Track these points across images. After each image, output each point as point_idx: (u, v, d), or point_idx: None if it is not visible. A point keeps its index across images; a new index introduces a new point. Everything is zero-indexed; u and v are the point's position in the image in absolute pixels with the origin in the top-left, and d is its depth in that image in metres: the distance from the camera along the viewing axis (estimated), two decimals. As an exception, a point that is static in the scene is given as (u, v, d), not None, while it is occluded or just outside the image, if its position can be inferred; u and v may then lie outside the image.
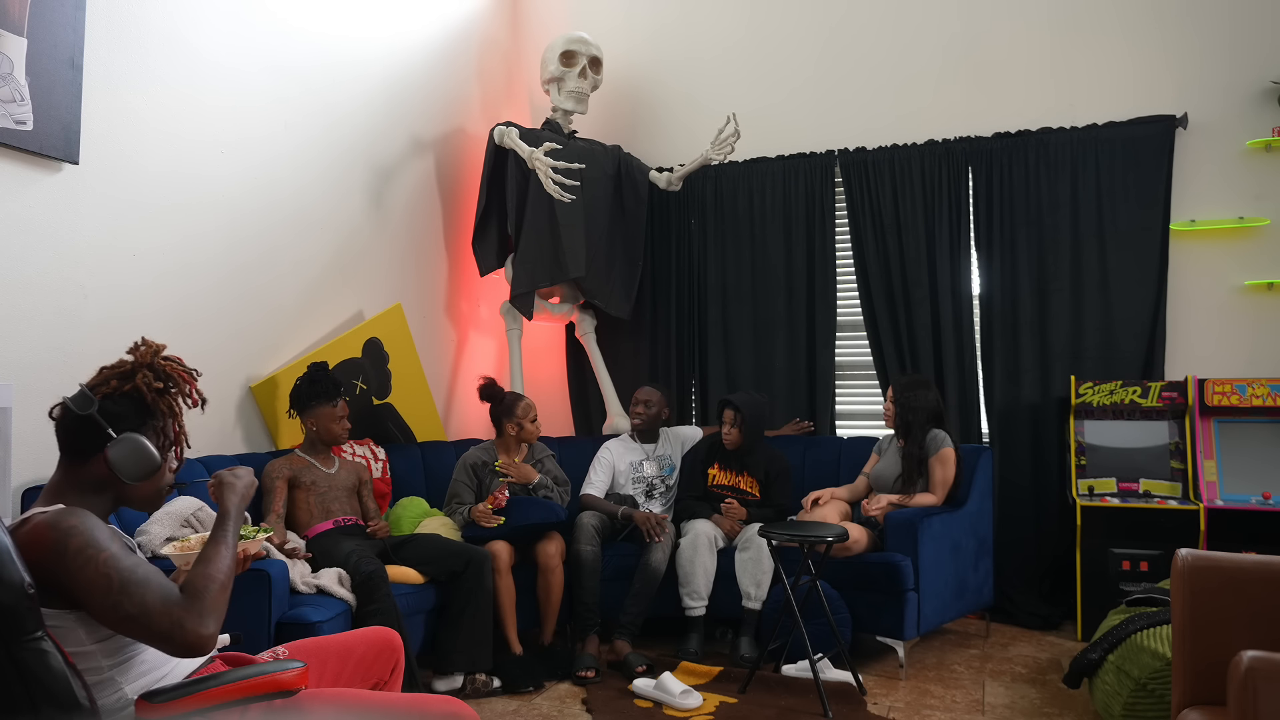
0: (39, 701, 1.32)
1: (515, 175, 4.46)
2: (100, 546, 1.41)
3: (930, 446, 3.70)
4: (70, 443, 1.59)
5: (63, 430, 1.59)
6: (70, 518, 1.43)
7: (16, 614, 1.31)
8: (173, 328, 3.21)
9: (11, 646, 1.31)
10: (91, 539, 1.41)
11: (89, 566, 1.39)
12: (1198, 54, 4.11)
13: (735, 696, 3.16)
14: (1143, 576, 3.69)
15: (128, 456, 1.56)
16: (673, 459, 4.16)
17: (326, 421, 3.36)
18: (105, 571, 1.39)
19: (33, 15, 2.67)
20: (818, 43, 4.75)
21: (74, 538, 1.40)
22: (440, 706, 1.67)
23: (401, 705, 1.66)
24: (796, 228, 4.67)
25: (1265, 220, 3.97)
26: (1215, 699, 1.97)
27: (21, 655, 1.31)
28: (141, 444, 1.58)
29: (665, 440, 4.21)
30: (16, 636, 1.31)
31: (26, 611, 1.32)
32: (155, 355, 1.68)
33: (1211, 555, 2.06)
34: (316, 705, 1.62)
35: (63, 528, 1.41)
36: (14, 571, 1.32)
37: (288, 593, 2.76)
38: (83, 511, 1.46)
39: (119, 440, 1.56)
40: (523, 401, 3.80)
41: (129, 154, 3.05)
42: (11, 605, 1.30)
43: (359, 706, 1.64)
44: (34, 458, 2.68)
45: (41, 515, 1.44)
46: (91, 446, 1.57)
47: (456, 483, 3.73)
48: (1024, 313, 4.27)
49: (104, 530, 1.46)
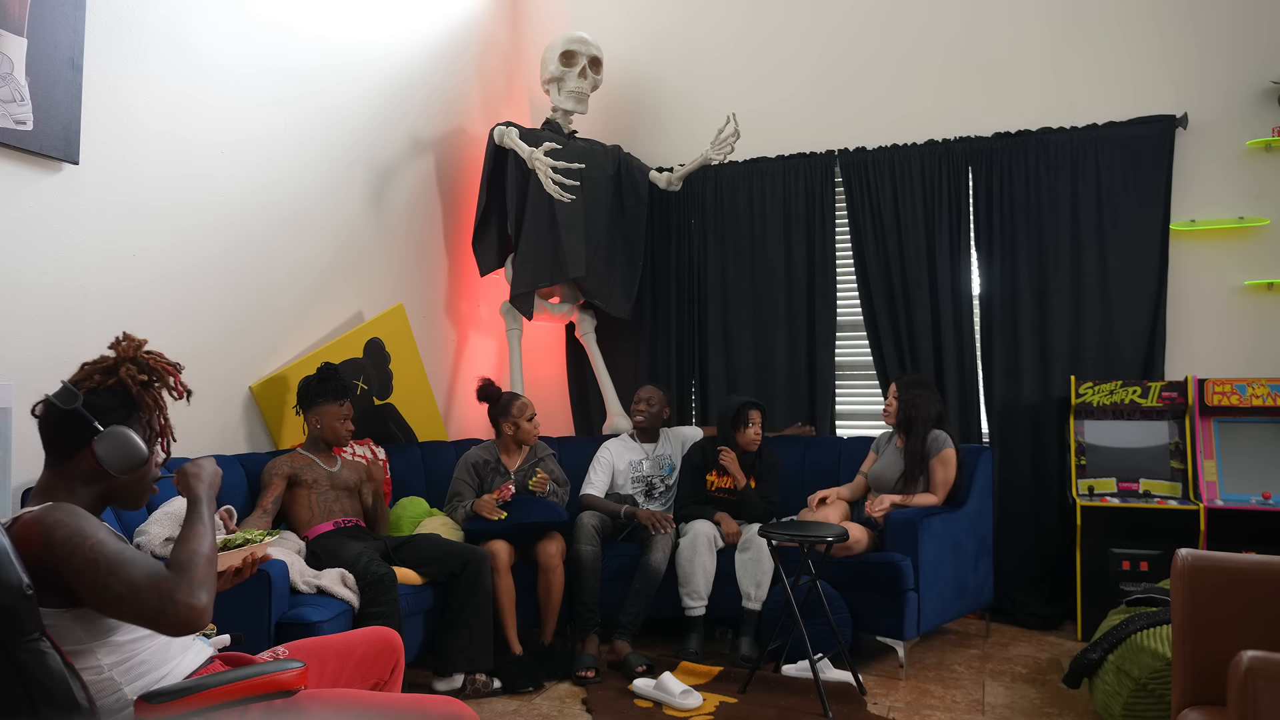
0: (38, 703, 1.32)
1: (515, 175, 4.46)
2: (86, 534, 1.42)
3: (932, 448, 3.70)
4: (54, 439, 1.58)
5: (47, 427, 1.58)
6: (56, 512, 1.43)
7: (15, 615, 1.31)
8: (173, 328, 3.21)
9: (10, 648, 1.31)
10: (77, 528, 1.42)
11: (76, 554, 1.40)
12: (1198, 54, 4.11)
13: (735, 696, 3.16)
14: (1143, 576, 3.69)
15: (114, 449, 1.56)
16: (672, 459, 4.16)
17: (331, 420, 3.37)
18: (92, 556, 1.40)
19: (33, 15, 2.67)
20: (818, 43, 4.75)
21: (60, 529, 1.41)
22: (440, 707, 1.66)
23: (402, 705, 1.66)
24: (796, 228, 4.67)
25: (1265, 220, 3.98)
26: (1215, 699, 1.97)
27: (20, 657, 1.31)
28: (128, 436, 1.57)
29: (665, 440, 4.21)
30: (15, 638, 1.31)
31: (25, 613, 1.32)
32: (138, 350, 1.68)
33: (1211, 555, 2.06)
34: (316, 705, 1.61)
35: (49, 521, 1.41)
36: (13, 573, 1.32)
37: (288, 592, 2.76)
38: (69, 505, 1.46)
39: (105, 433, 1.56)
40: (519, 401, 3.79)
41: (129, 154, 3.05)
42: (10, 606, 1.31)
43: (358, 707, 1.64)
44: (34, 458, 2.66)
45: (29, 513, 1.45)
46: (77, 441, 1.57)
47: (458, 481, 3.73)
48: (1024, 313, 4.27)
49: (91, 520, 1.46)
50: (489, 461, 3.75)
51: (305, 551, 3.14)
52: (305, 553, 3.13)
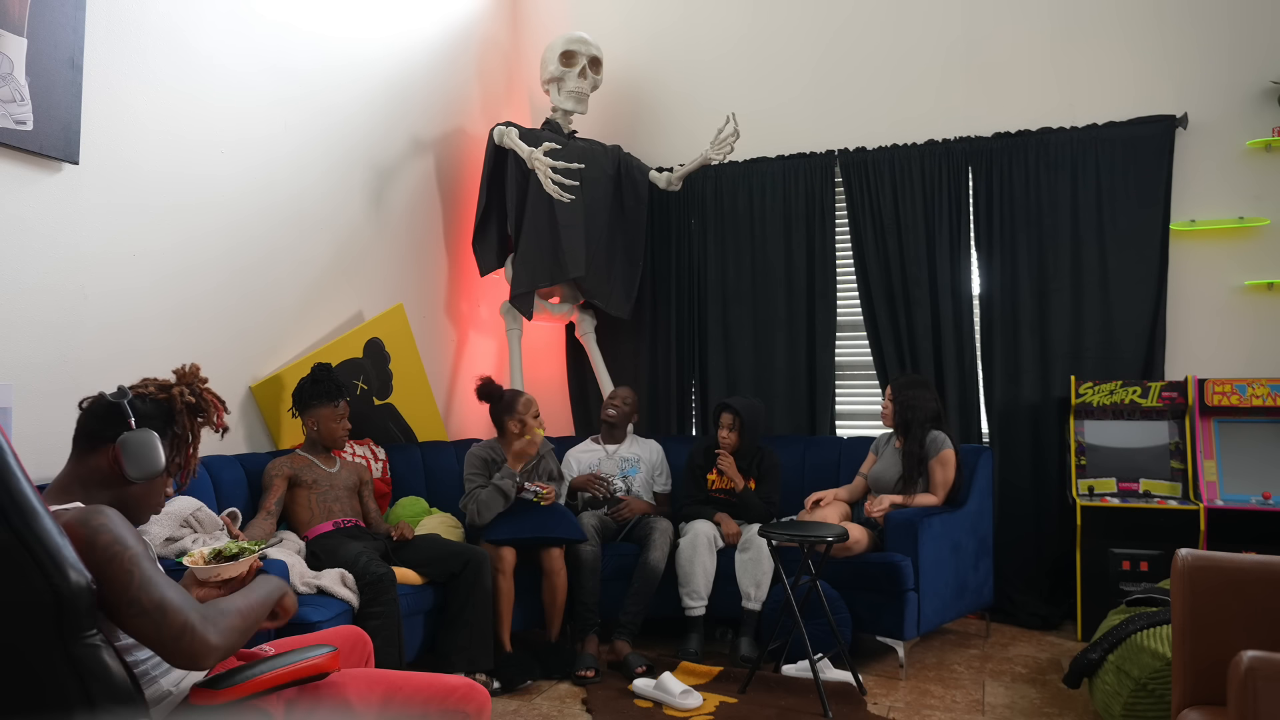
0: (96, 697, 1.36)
1: (515, 175, 4.46)
2: (127, 544, 1.45)
3: (930, 448, 3.70)
4: (88, 427, 1.63)
5: (88, 415, 1.64)
6: (99, 516, 1.46)
7: (78, 612, 1.34)
8: (173, 328, 3.22)
9: (70, 644, 1.34)
10: (119, 535, 1.45)
11: (115, 561, 1.42)
12: (1198, 54, 4.11)
13: (735, 696, 3.16)
14: (1143, 576, 3.69)
15: (137, 449, 1.60)
16: (638, 463, 4.14)
17: (327, 422, 3.36)
18: (129, 568, 1.43)
19: (33, 15, 2.67)
20: (818, 43, 4.75)
21: (103, 534, 1.44)
22: (462, 686, 1.80)
23: (424, 683, 1.79)
24: (796, 228, 4.67)
25: (1265, 220, 3.98)
26: (1215, 699, 1.97)
27: (79, 653, 1.35)
28: (154, 441, 1.62)
29: (633, 443, 4.20)
30: (75, 634, 1.34)
31: (87, 610, 1.35)
32: (196, 378, 1.79)
33: (1211, 555, 2.06)
34: (349, 683, 1.73)
35: (93, 524, 1.44)
36: (81, 571, 1.35)
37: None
38: (109, 509, 1.49)
39: (135, 431, 1.61)
40: (523, 398, 3.71)
41: (129, 154, 3.05)
42: (75, 604, 1.33)
43: (387, 683, 1.77)
44: (34, 458, 2.67)
45: (69, 514, 1.47)
46: (109, 432, 1.62)
47: (472, 475, 3.62)
48: (1024, 313, 4.27)
49: (132, 531, 1.50)
50: (494, 460, 3.69)
51: (305, 552, 3.14)
52: (305, 553, 3.13)
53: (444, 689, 1.78)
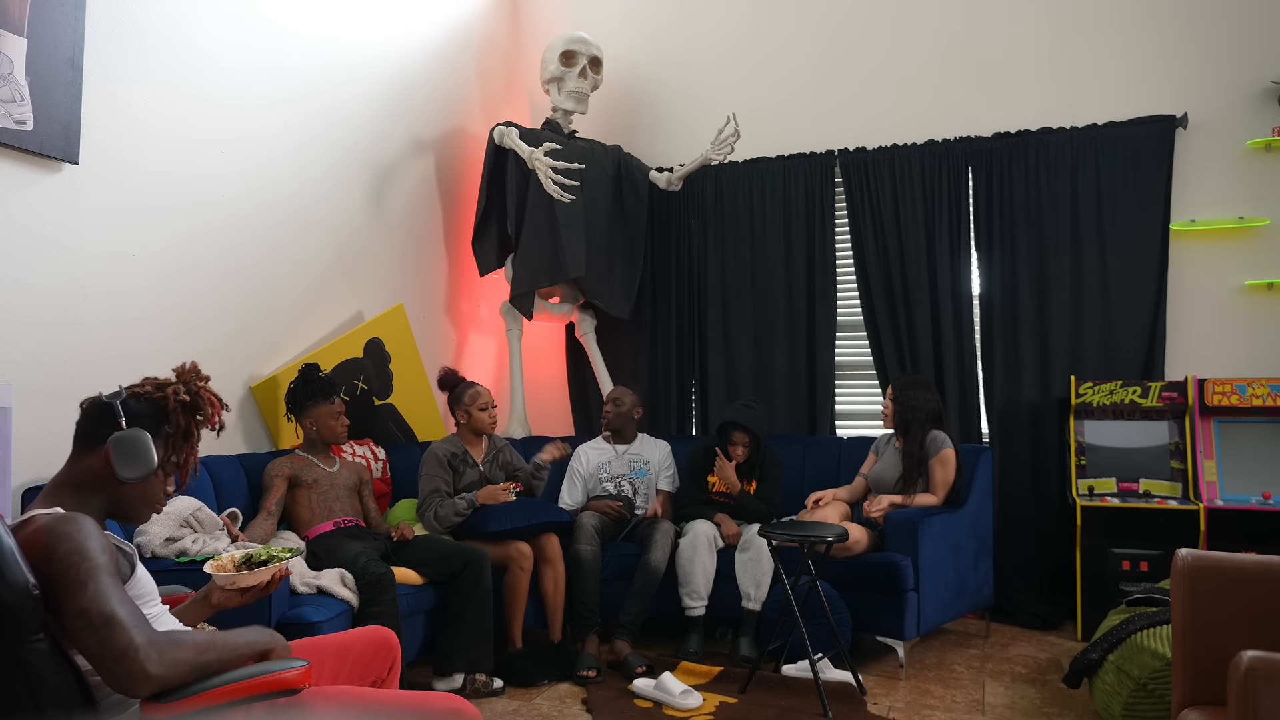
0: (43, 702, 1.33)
1: (515, 175, 4.46)
2: (86, 554, 1.41)
3: (930, 448, 3.70)
4: (84, 428, 1.62)
5: (85, 416, 1.63)
6: (66, 524, 1.43)
7: (20, 615, 1.32)
8: (173, 328, 3.22)
9: (15, 647, 1.32)
10: (80, 545, 1.41)
11: (70, 571, 1.39)
12: (1198, 54, 4.11)
13: (735, 696, 3.16)
14: (1143, 576, 3.68)
15: (127, 448, 1.57)
16: (647, 464, 4.14)
17: (326, 420, 3.37)
18: (82, 579, 1.39)
19: (33, 15, 2.67)
20: (818, 43, 4.75)
21: (64, 543, 1.41)
22: (443, 703, 1.67)
23: (404, 702, 1.66)
24: (796, 228, 4.67)
25: (1265, 220, 3.97)
26: (1215, 699, 1.97)
27: (25, 656, 1.33)
28: (144, 440, 1.58)
29: (642, 442, 4.20)
30: (20, 637, 1.32)
31: (30, 613, 1.33)
32: (194, 377, 1.75)
33: (1211, 555, 2.06)
34: (320, 703, 1.62)
35: (57, 532, 1.41)
36: (18, 573, 1.33)
37: (288, 593, 2.76)
38: (81, 518, 1.46)
39: (126, 430, 1.58)
40: (471, 390, 3.71)
41: (129, 154, 3.05)
42: (16, 606, 1.31)
43: (362, 704, 1.64)
44: (34, 458, 2.67)
45: (42, 519, 1.45)
46: (103, 432, 1.60)
47: (430, 478, 3.57)
48: (1024, 313, 4.27)
49: (98, 540, 1.46)
50: (456, 454, 3.67)
51: (305, 552, 3.14)
52: (305, 553, 3.13)
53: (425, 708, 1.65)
